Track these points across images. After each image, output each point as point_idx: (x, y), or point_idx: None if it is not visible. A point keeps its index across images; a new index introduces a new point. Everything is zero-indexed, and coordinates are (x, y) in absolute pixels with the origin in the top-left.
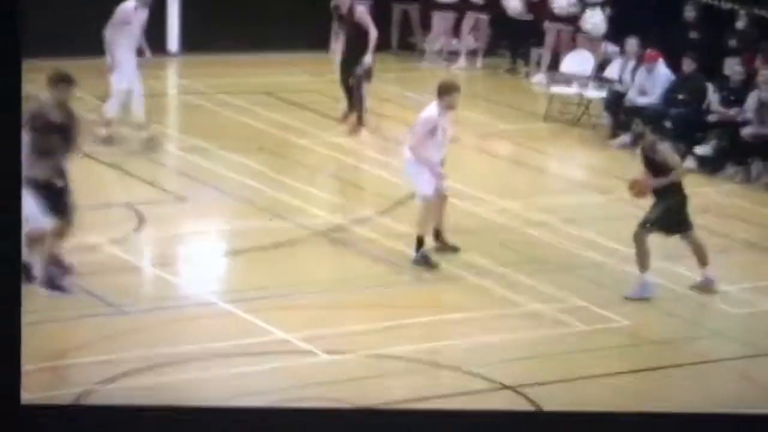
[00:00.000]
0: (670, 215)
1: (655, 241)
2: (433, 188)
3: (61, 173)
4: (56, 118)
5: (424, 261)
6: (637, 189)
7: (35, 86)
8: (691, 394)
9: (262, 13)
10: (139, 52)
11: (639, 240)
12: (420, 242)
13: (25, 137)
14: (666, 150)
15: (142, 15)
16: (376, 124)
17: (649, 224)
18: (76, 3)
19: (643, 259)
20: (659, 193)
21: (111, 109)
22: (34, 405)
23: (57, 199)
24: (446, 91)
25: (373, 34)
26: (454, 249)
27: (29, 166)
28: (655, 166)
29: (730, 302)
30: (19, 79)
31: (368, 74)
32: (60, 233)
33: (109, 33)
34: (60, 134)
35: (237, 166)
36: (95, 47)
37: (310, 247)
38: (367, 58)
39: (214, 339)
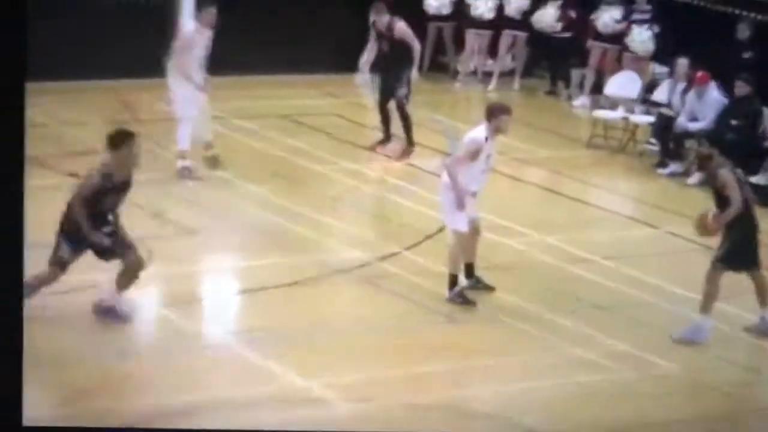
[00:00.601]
0: (736, 251)
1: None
2: (467, 223)
3: (105, 222)
4: (121, 178)
5: (460, 299)
6: (702, 228)
7: (38, 110)
8: None
9: (279, 34)
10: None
11: (710, 279)
12: (453, 280)
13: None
14: (726, 177)
15: (205, 37)
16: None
17: (718, 262)
18: (82, 25)
19: (708, 300)
20: (726, 226)
21: (184, 140)
22: (35, 427)
23: (108, 247)
24: (493, 114)
25: (416, 47)
26: (488, 288)
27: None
28: (718, 194)
29: None
30: (22, 101)
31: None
32: (129, 272)
33: (173, 61)
34: (119, 192)
35: (252, 195)
36: (100, 70)
37: (332, 286)
38: (414, 74)
39: (226, 386)
